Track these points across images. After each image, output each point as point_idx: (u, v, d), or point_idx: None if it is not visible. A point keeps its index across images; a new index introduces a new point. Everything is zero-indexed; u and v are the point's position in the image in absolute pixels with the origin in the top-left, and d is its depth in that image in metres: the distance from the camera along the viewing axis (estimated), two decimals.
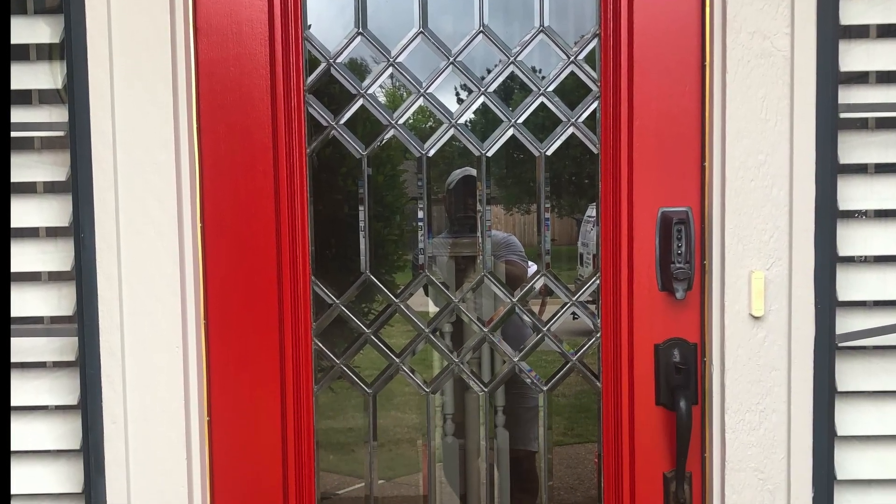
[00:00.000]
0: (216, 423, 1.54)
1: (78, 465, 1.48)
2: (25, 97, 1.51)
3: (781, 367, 1.44)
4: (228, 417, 1.54)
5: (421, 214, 1.66)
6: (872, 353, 1.51)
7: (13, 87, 1.46)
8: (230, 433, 1.54)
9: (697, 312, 1.51)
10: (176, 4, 1.44)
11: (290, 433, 1.55)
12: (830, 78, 1.42)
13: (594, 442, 1.63)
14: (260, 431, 1.54)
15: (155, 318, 1.45)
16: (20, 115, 1.47)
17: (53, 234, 1.51)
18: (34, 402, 1.49)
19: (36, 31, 1.48)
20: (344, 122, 1.59)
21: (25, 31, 1.48)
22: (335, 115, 1.58)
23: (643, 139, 1.49)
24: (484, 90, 1.59)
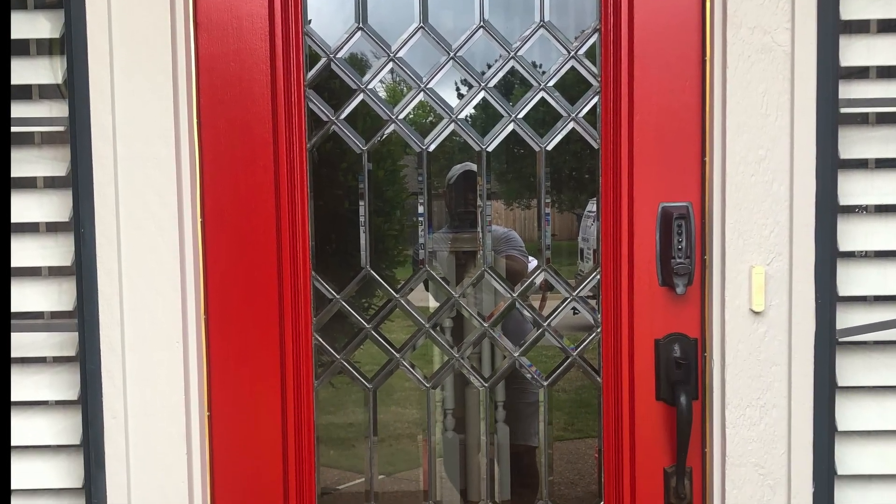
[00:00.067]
0: (216, 418, 1.54)
1: (78, 460, 1.49)
2: (26, 92, 1.51)
3: (782, 362, 1.44)
4: (229, 412, 1.54)
5: (421, 209, 1.66)
6: (873, 348, 1.50)
7: (13, 82, 1.46)
8: (230, 428, 1.54)
9: (698, 307, 1.51)
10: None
11: (290, 428, 1.55)
12: (831, 73, 1.42)
13: (594, 437, 1.63)
14: (260, 426, 1.54)
15: (155, 313, 1.46)
16: (20, 110, 1.47)
17: (53, 229, 1.51)
18: (34, 397, 1.49)
19: (36, 26, 1.48)
20: (344, 117, 1.59)
21: (26, 26, 1.48)
22: (335, 110, 1.58)
23: (643, 134, 1.49)
24: (484, 85, 1.58)
